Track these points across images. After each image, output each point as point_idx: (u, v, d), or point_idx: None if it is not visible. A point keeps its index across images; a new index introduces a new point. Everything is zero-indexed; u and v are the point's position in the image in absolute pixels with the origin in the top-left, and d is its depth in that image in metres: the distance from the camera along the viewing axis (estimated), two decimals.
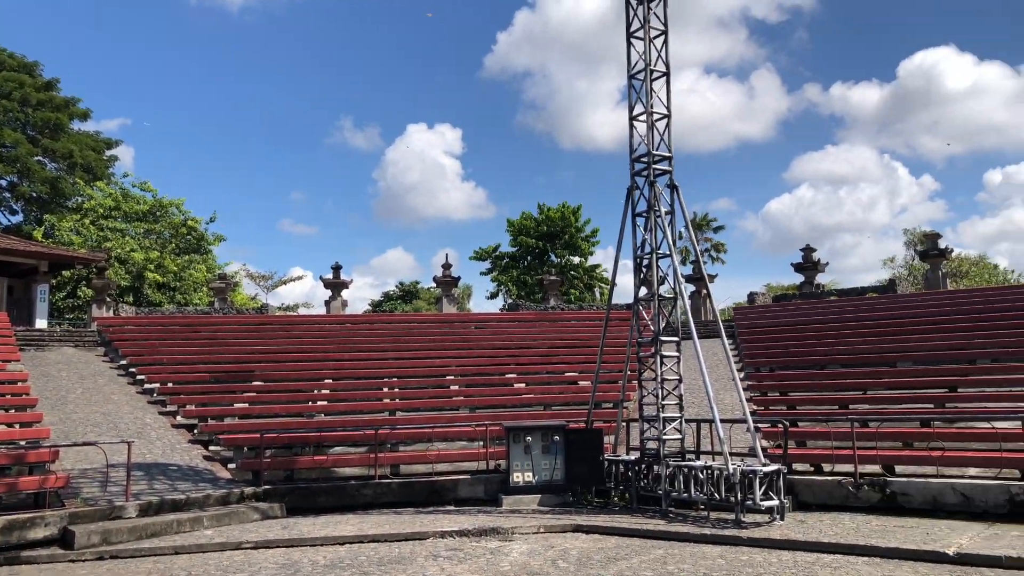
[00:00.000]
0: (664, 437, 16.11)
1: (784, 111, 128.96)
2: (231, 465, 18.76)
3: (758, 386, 22.26)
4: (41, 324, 31.61)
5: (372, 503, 17.43)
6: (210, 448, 19.83)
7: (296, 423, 21.14)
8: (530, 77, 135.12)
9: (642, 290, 17.48)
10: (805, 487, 15.55)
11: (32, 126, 49.25)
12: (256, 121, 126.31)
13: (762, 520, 13.86)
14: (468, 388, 24.57)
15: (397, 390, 24.32)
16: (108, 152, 53.35)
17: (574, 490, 17.47)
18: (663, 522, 14.36)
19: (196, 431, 20.86)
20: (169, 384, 23.87)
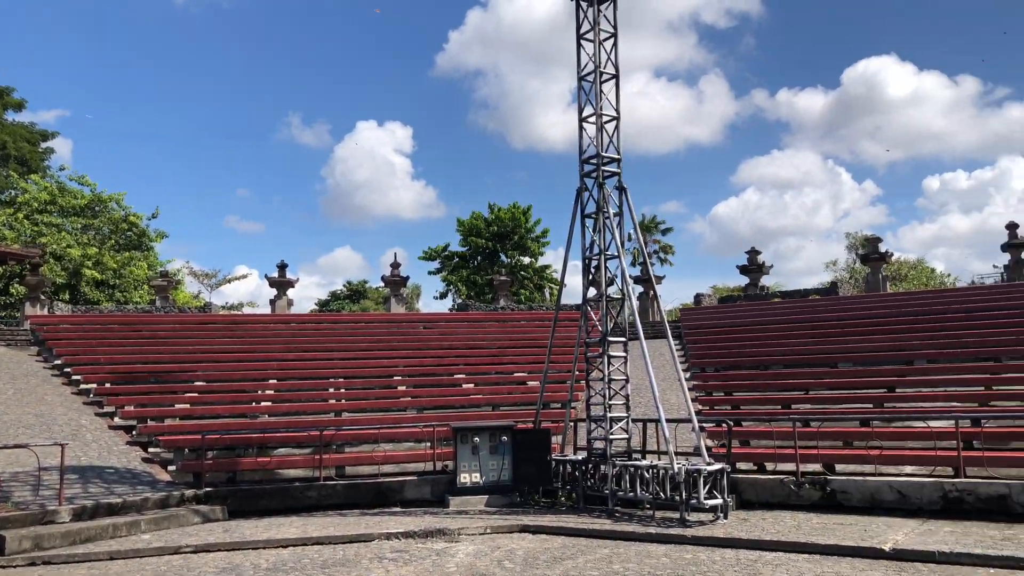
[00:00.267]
0: (611, 437, 16.20)
1: (732, 115, 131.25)
2: (171, 467, 18.33)
3: (704, 386, 22.56)
4: None
5: (317, 505, 17.19)
6: (149, 450, 19.32)
7: (239, 424, 20.74)
8: (482, 76, 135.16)
9: (591, 291, 17.56)
10: (749, 486, 15.78)
11: None
12: (202, 115, 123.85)
13: (706, 519, 14.03)
14: (416, 389, 24.42)
15: (343, 391, 24.04)
16: (44, 144, 51.73)
17: (521, 490, 17.47)
18: (609, 521, 14.44)
19: (135, 433, 20.33)
20: (107, 385, 23.25)
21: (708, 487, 14.15)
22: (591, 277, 17.48)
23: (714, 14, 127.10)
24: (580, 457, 16.87)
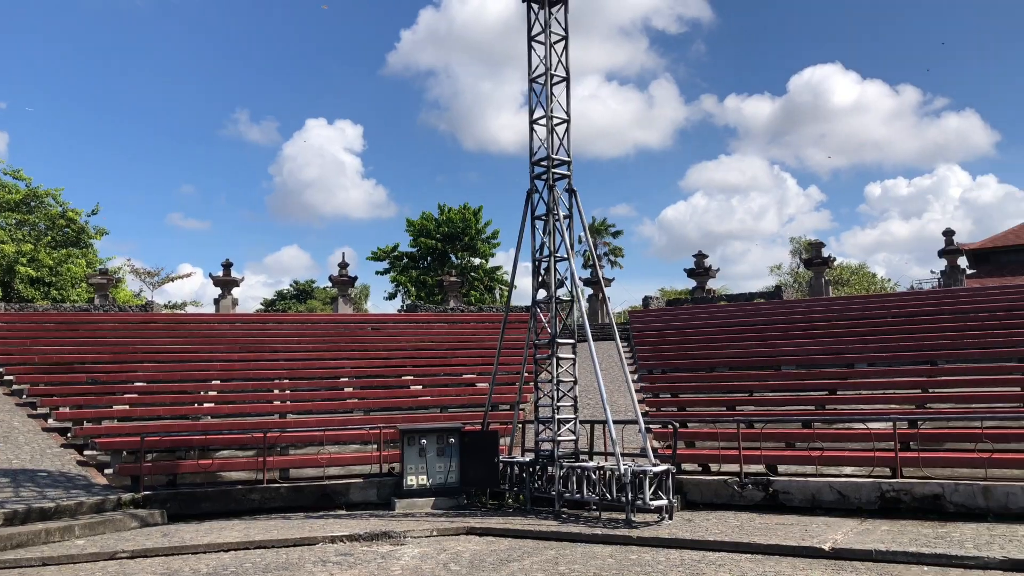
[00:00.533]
0: (558, 438, 16.23)
1: (682, 120, 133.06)
2: (108, 471, 17.81)
3: (651, 388, 22.76)
4: None
5: (260, 508, 16.90)
6: (85, 453, 18.74)
7: (180, 426, 20.25)
8: (434, 76, 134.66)
9: (540, 292, 17.57)
10: (693, 486, 15.96)
11: None
12: (145, 110, 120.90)
13: (652, 519, 14.14)
14: (363, 390, 24.17)
15: (288, 392, 23.67)
16: None
17: (469, 493, 17.41)
18: (556, 523, 14.46)
19: (70, 435, 19.72)
20: (41, 385, 22.52)
21: (654, 488, 14.26)
22: (541, 279, 17.49)
23: (665, 20, 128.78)
24: (528, 459, 16.87)
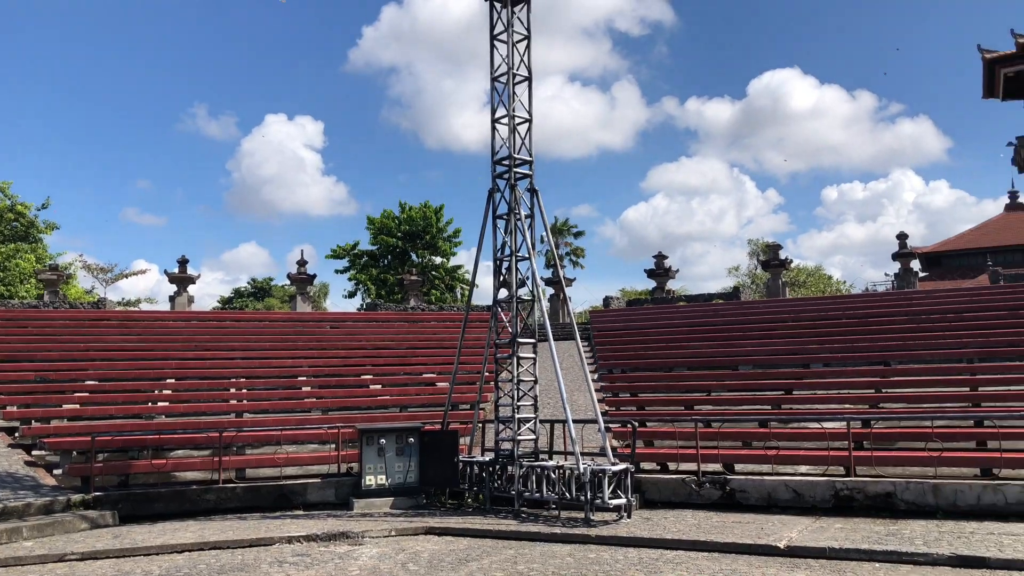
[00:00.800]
0: (518, 438, 16.22)
1: (643, 122, 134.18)
2: (57, 471, 17.37)
3: (611, 387, 22.88)
4: None
5: (215, 509, 16.62)
6: (33, 453, 18.27)
7: (133, 425, 19.83)
8: (396, 73, 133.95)
9: (501, 292, 17.55)
10: (652, 485, 16.07)
11: None
12: (100, 102, 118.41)
13: (611, 518, 14.20)
14: (321, 389, 23.91)
15: (245, 391, 23.33)
16: None
17: (428, 492, 17.33)
18: (515, 522, 14.45)
19: (17, 435, 19.23)
20: None
21: (613, 487, 14.33)
22: (502, 278, 17.46)
23: (628, 22, 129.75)
24: (488, 458, 16.83)
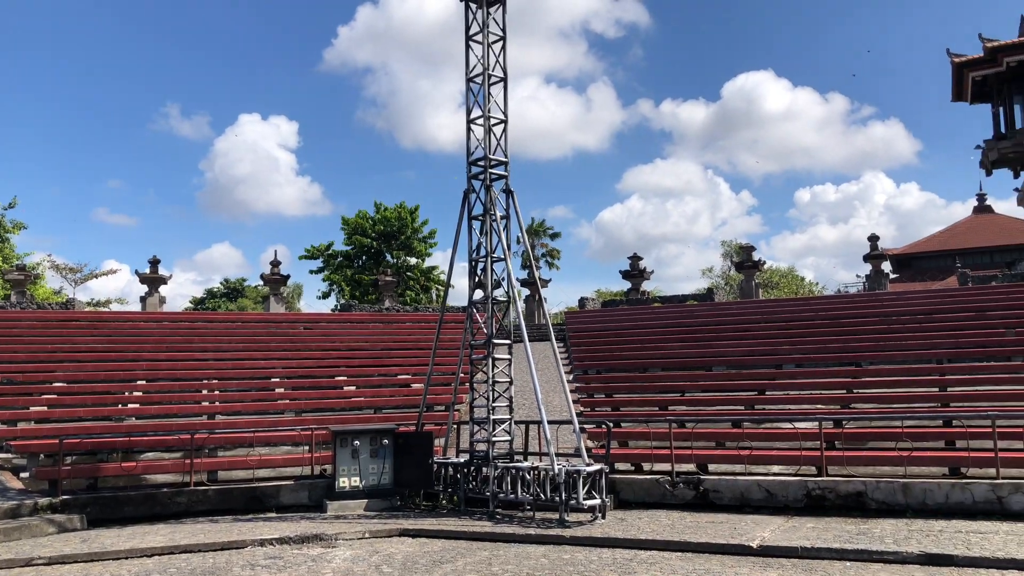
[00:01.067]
0: (493, 439, 16.19)
1: (619, 124, 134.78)
2: (24, 475, 17.11)
3: (586, 388, 22.91)
4: None
5: (187, 512, 16.43)
6: None
7: (102, 427, 19.53)
8: (371, 74, 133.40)
9: (477, 293, 17.51)
10: (626, 486, 16.11)
11: None
12: (70, 101, 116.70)
13: (585, 519, 14.22)
14: (295, 391, 23.73)
15: (218, 392, 23.10)
16: None
17: (402, 494, 17.26)
18: (490, 523, 14.43)
19: None
20: None
21: (587, 488, 14.34)
22: (477, 279, 17.43)
23: (604, 23, 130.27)
24: (463, 460, 16.79)
